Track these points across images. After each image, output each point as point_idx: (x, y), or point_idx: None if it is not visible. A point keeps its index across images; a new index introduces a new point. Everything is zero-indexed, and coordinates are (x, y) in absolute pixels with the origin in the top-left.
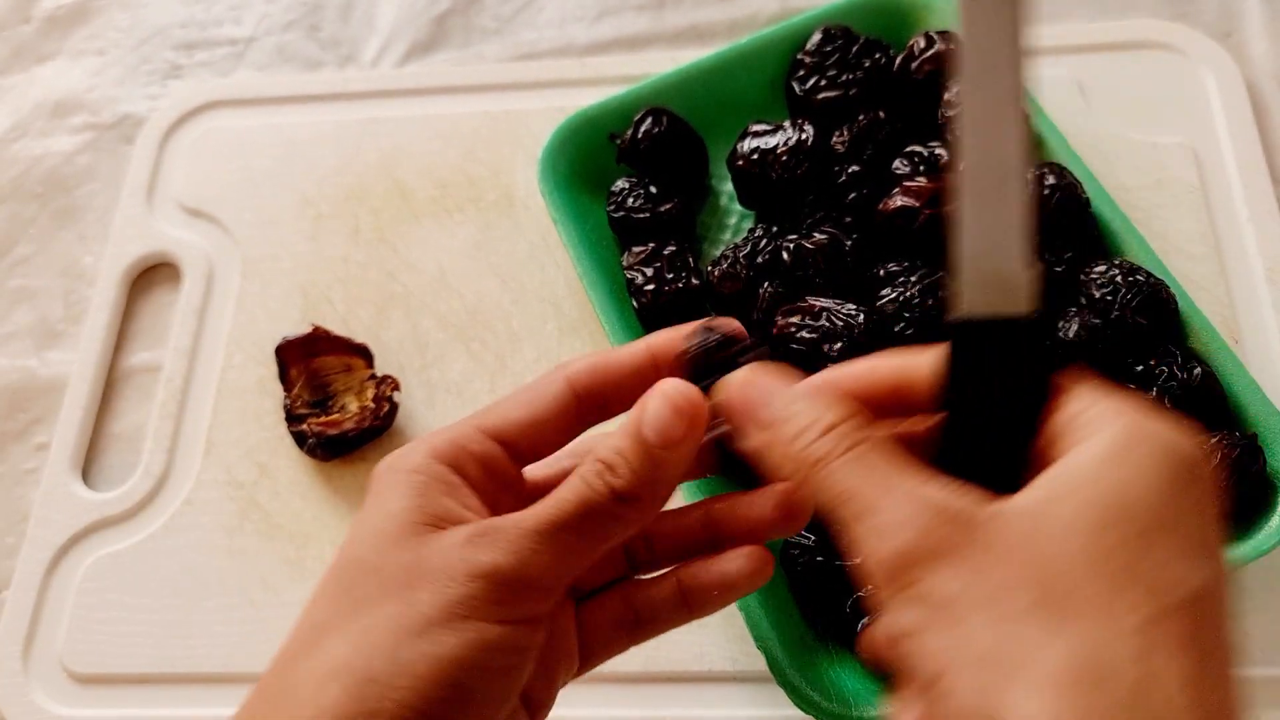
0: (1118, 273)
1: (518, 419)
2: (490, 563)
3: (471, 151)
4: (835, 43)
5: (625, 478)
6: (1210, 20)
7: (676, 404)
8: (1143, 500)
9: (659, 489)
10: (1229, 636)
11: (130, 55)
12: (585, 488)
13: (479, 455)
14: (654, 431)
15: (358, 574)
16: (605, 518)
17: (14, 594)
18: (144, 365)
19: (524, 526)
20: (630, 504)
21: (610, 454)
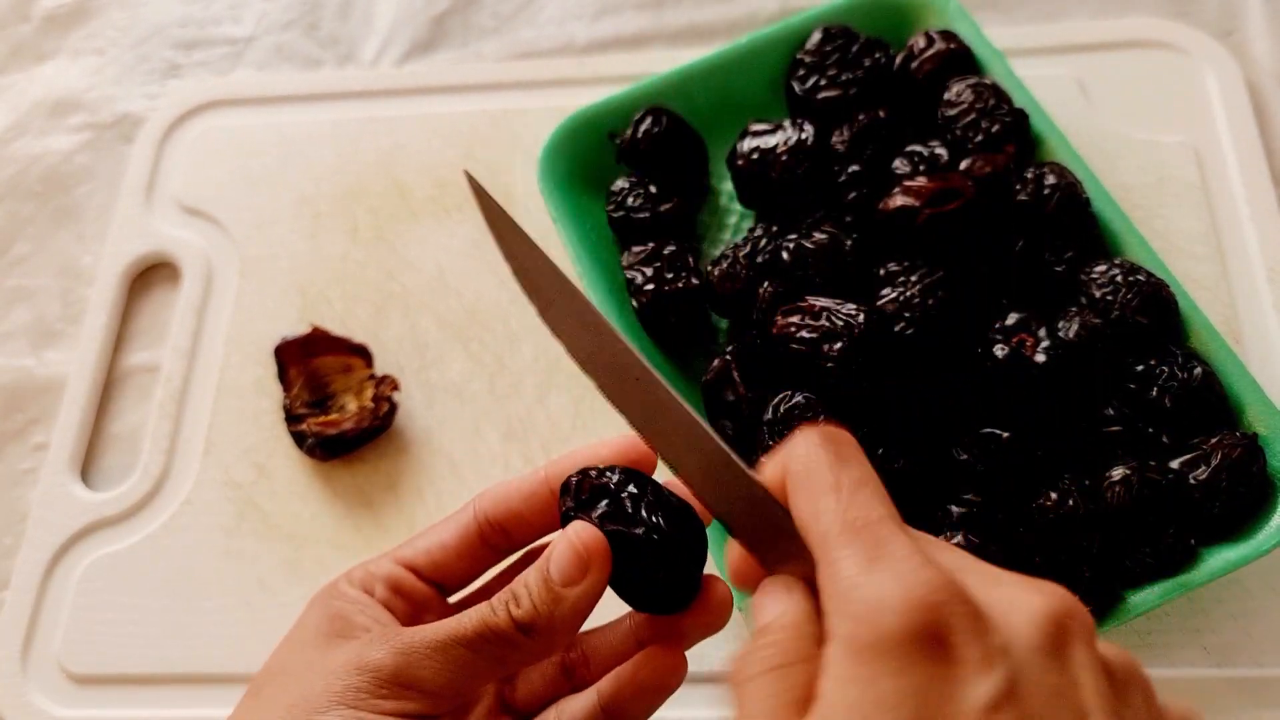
0: (1118, 272)
1: (425, 547)
2: (378, 659)
3: (470, 151)
4: (835, 42)
5: (526, 609)
6: (1211, 19)
7: (576, 548)
8: None
9: (560, 623)
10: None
11: (129, 54)
12: (489, 612)
13: (386, 578)
14: (557, 570)
15: (268, 678)
16: (503, 642)
17: (12, 594)
18: (142, 365)
19: (420, 635)
20: (529, 635)
21: (519, 585)
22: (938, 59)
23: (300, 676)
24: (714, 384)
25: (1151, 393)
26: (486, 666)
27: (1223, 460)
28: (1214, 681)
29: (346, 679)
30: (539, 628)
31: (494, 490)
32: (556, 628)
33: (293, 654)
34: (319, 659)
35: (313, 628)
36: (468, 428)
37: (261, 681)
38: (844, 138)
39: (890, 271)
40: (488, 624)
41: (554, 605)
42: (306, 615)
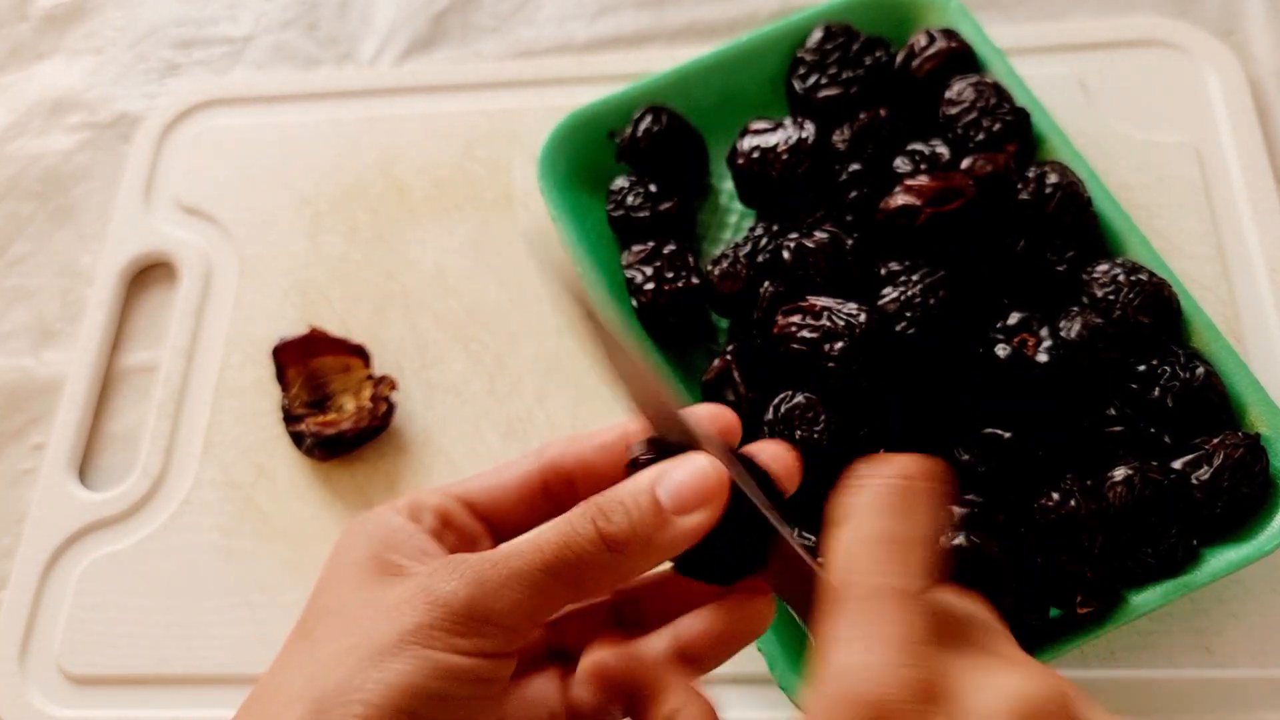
0: (1120, 272)
1: (480, 485)
2: (450, 591)
3: (470, 150)
4: (836, 40)
5: (620, 526)
6: (1213, 18)
7: (705, 475)
8: None
9: (655, 550)
10: None
11: (127, 54)
12: (569, 529)
13: (436, 508)
14: (671, 492)
15: (319, 617)
16: (587, 563)
17: (11, 594)
18: (141, 365)
19: (492, 561)
20: (617, 554)
21: (610, 501)
22: (939, 58)
23: (357, 616)
24: (714, 384)
25: (1153, 392)
26: (564, 591)
27: (1225, 460)
28: (1216, 682)
29: (416, 615)
30: (631, 548)
31: (563, 441)
32: (650, 553)
33: (342, 591)
34: (376, 595)
35: (359, 561)
36: (467, 427)
37: (310, 624)
38: (845, 136)
39: (891, 271)
40: (570, 542)
41: (656, 529)
42: (348, 547)
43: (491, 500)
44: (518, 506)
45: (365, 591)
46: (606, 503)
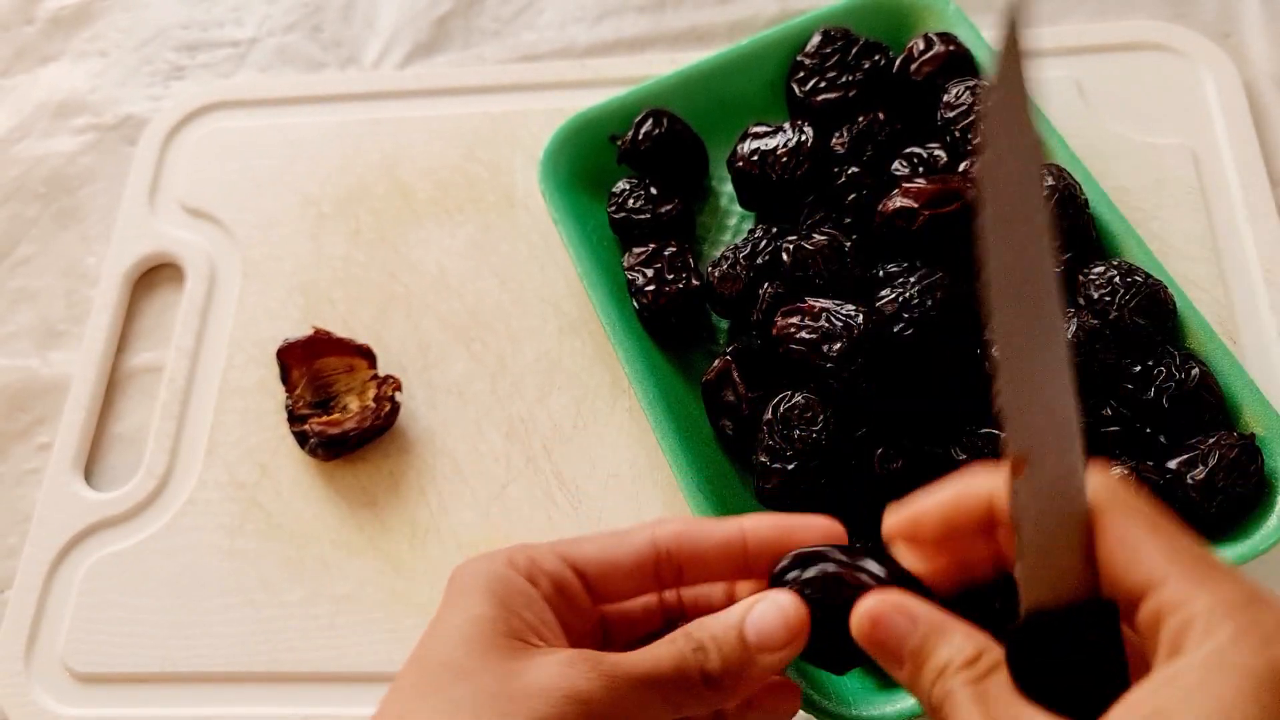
0: (1116, 273)
1: (596, 557)
2: (587, 690)
3: (472, 152)
4: (835, 44)
5: (715, 663)
6: (1209, 21)
7: (788, 617)
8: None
9: (743, 683)
10: None
11: (132, 56)
12: (680, 657)
13: (552, 574)
14: (756, 633)
15: (450, 676)
16: (689, 692)
17: (16, 594)
18: (146, 365)
19: (622, 667)
20: (713, 689)
21: (704, 636)
22: (937, 61)
23: (489, 688)
24: (714, 384)
25: (1149, 393)
26: (663, 710)
27: (1220, 460)
28: None
29: (556, 707)
30: (724, 684)
31: (680, 526)
32: (739, 688)
33: (474, 655)
34: (511, 672)
35: (486, 621)
36: (470, 427)
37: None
38: (843, 140)
39: (889, 273)
40: (682, 669)
41: (744, 666)
42: (468, 602)
43: (602, 572)
44: (626, 582)
45: (501, 660)
46: (702, 638)
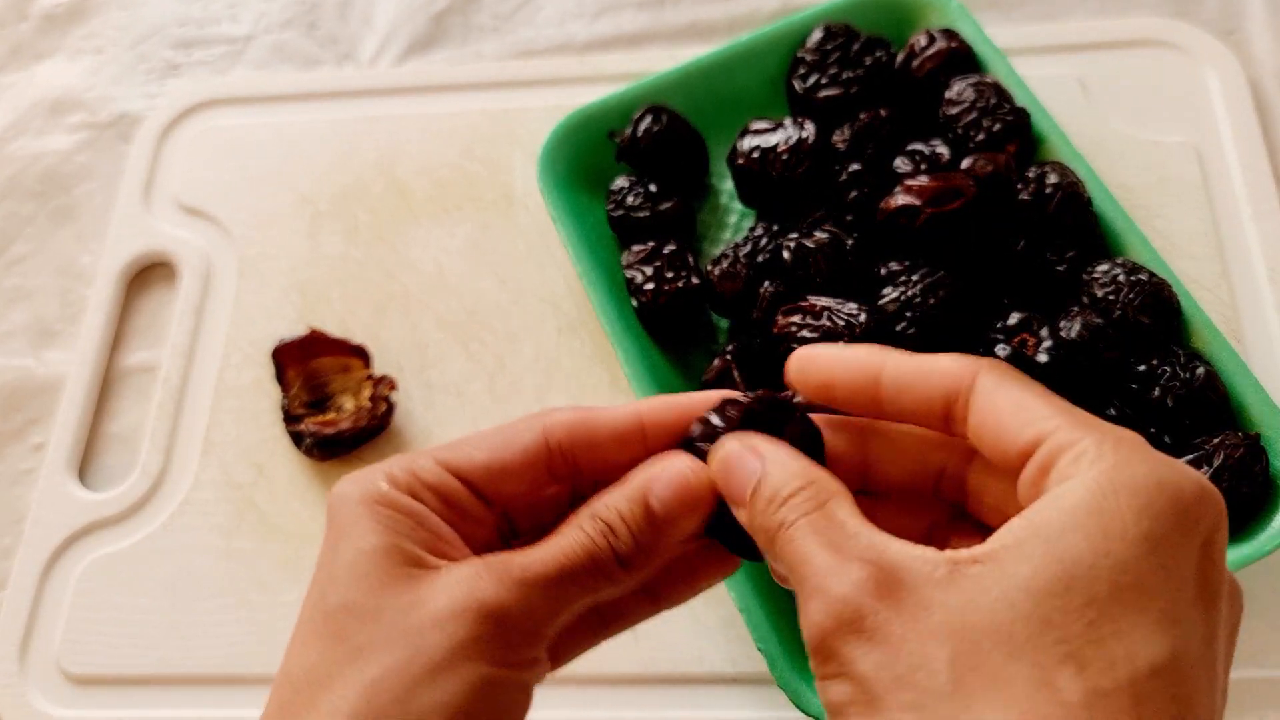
0: (1120, 272)
1: (483, 463)
2: (497, 602)
3: (470, 150)
4: (836, 40)
5: (625, 542)
6: (1212, 18)
7: (688, 482)
8: (1105, 560)
9: (654, 557)
10: (1196, 708)
11: (128, 54)
12: (590, 543)
13: (436, 486)
14: (661, 504)
15: (349, 619)
16: (602, 575)
17: (10, 595)
18: (141, 365)
19: (532, 569)
20: (628, 569)
21: (610, 514)
22: (939, 57)
23: (401, 625)
24: (714, 384)
25: (1153, 393)
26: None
27: (1225, 460)
28: None
29: (468, 628)
30: (637, 562)
31: (573, 419)
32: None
33: (369, 588)
34: (415, 599)
35: (379, 553)
36: (467, 427)
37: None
38: (845, 136)
39: (891, 271)
40: (594, 555)
41: (656, 539)
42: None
43: (491, 477)
44: (518, 483)
45: (399, 593)
46: (608, 516)
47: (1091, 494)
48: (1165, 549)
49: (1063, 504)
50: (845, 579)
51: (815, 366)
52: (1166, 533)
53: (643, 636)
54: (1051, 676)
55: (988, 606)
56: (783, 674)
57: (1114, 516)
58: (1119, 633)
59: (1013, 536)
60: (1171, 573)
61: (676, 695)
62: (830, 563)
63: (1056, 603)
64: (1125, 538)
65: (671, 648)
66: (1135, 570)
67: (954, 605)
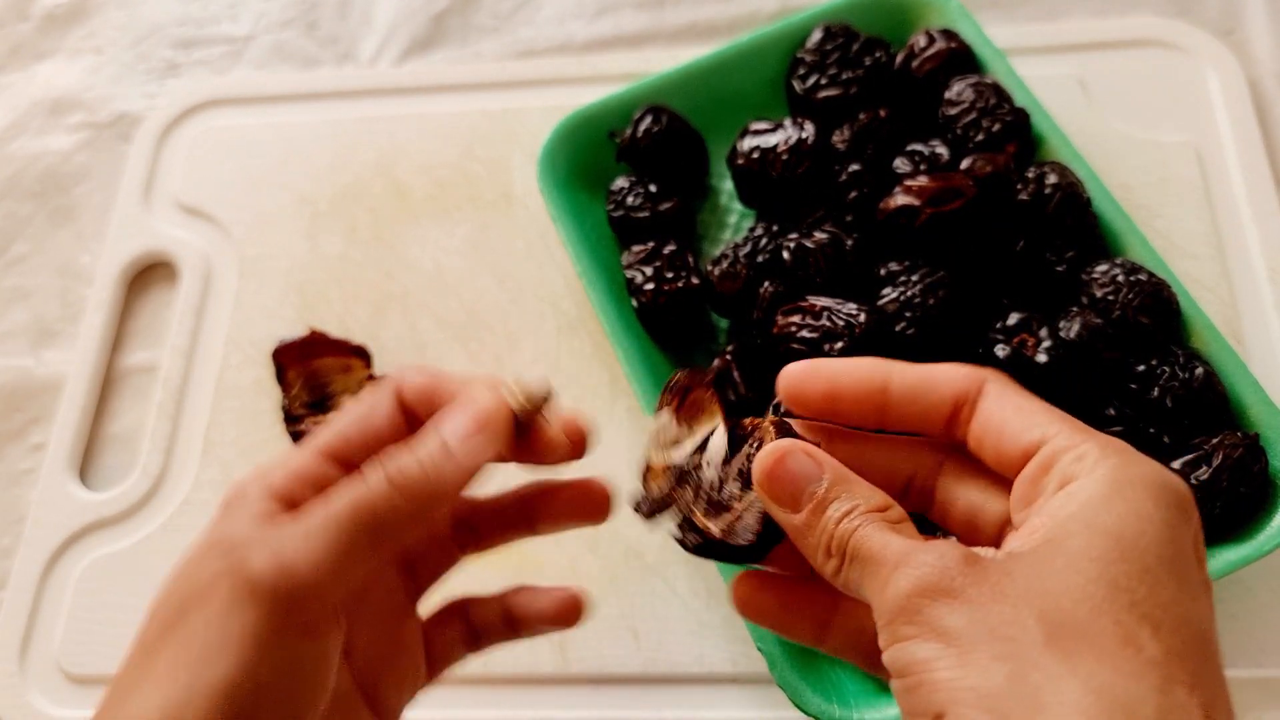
0: (1120, 272)
1: (357, 439)
2: (258, 572)
3: (470, 150)
4: (836, 41)
5: (413, 476)
6: (1213, 18)
7: (483, 417)
8: (1145, 536)
9: (443, 490)
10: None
11: (127, 54)
12: (363, 485)
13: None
14: (455, 438)
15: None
16: (383, 513)
17: (10, 595)
18: (141, 365)
19: (290, 531)
20: (414, 502)
21: (401, 451)
22: (939, 58)
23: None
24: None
25: (1153, 393)
26: (367, 546)
27: (1224, 460)
28: None
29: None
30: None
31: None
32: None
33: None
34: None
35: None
36: None
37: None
38: (844, 137)
39: (891, 271)
40: (362, 497)
41: (447, 476)
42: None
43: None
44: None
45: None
46: (396, 451)
47: (1110, 485)
48: (1180, 534)
49: (1083, 496)
50: (932, 553)
51: (819, 378)
52: (1177, 520)
53: (643, 636)
54: (1134, 634)
55: (1061, 573)
56: (783, 674)
57: (1137, 503)
58: (1176, 600)
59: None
60: (1188, 554)
61: (676, 695)
62: (912, 545)
63: (1119, 569)
64: (1153, 520)
65: (671, 648)
66: (1169, 547)
67: (1033, 574)
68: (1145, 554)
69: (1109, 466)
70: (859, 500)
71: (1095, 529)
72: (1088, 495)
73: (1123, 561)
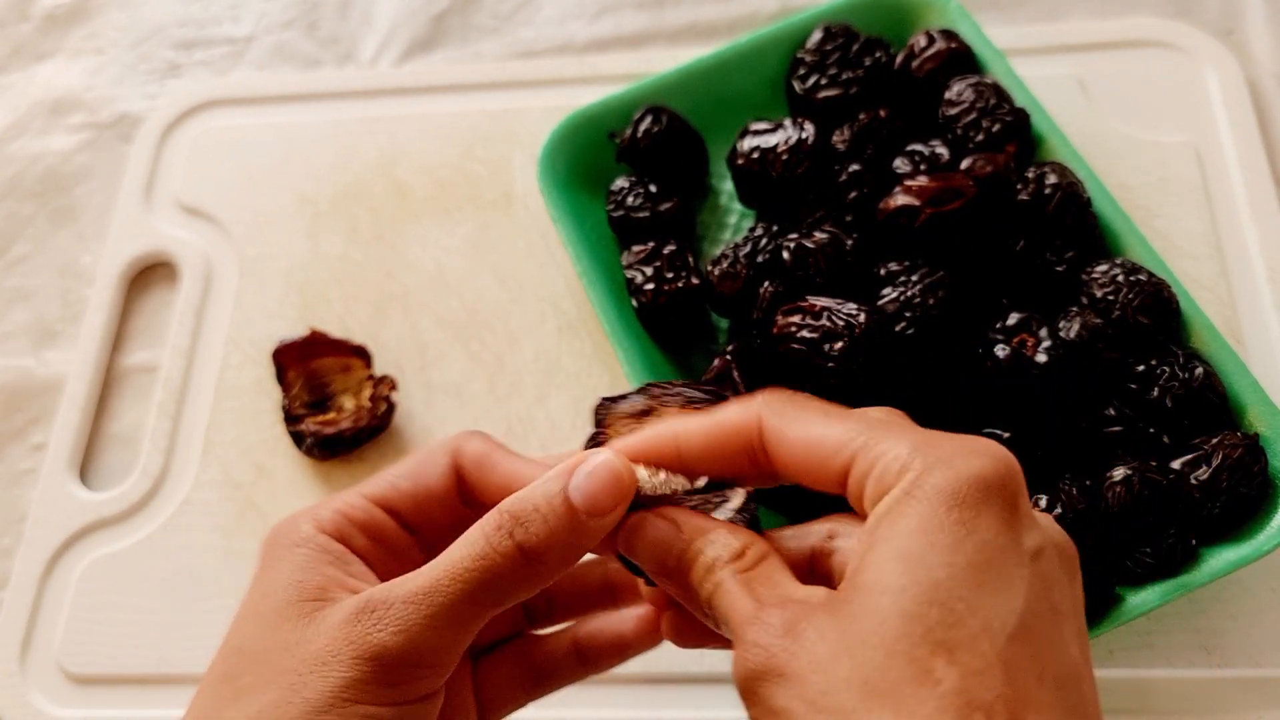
0: (1119, 272)
1: (408, 489)
2: (378, 644)
3: (470, 150)
4: (836, 41)
5: (538, 535)
6: (1212, 18)
7: (618, 475)
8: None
9: (570, 555)
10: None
11: (129, 54)
12: (486, 546)
13: (365, 524)
14: (585, 496)
15: (239, 661)
16: (506, 579)
17: (11, 595)
18: (142, 365)
19: (414, 599)
20: (536, 565)
21: (524, 508)
22: (939, 58)
23: (282, 666)
24: (714, 384)
25: (1152, 393)
26: (484, 612)
27: (1224, 460)
28: (1215, 682)
29: (345, 671)
30: (550, 558)
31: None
32: (568, 558)
33: (263, 633)
34: (297, 641)
35: (281, 594)
36: (467, 426)
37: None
38: (844, 137)
39: (891, 271)
40: (490, 564)
41: (573, 534)
42: (271, 576)
43: (415, 504)
44: (440, 510)
45: (288, 631)
46: (520, 510)
47: (899, 502)
48: (980, 528)
49: (873, 524)
50: (758, 630)
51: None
52: (977, 513)
53: None
54: (929, 668)
55: (861, 619)
56: None
57: (924, 515)
58: (971, 610)
59: (852, 565)
60: (991, 545)
61: (676, 695)
62: (749, 615)
63: (909, 595)
64: (943, 527)
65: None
66: (963, 552)
67: (842, 629)
68: (933, 570)
69: (905, 481)
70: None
71: (887, 557)
72: (877, 521)
73: (913, 586)
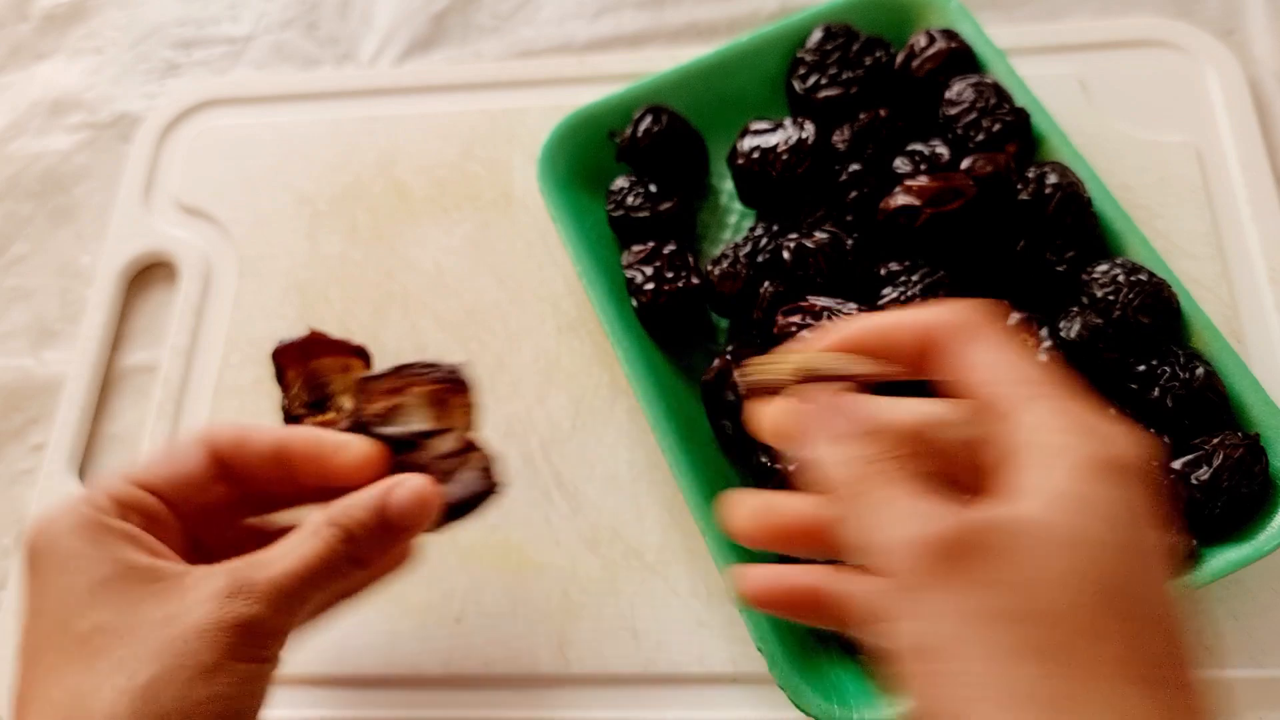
0: (1120, 272)
1: (166, 472)
2: (250, 615)
3: (470, 150)
4: (836, 41)
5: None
6: (1213, 18)
7: (424, 498)
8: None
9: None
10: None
11: (128, 54)
12: (325, 548)
13: (139, 506)
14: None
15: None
16: (339, 575)
17: (11, 595)
18: (141, 365)
19: (278, 581)
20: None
21: (347, 520)
22: (939, 58)
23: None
24: (714, 384)
25: (1153, 393)
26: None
27: (1224, 460)
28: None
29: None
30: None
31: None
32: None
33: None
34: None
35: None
36: None
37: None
38: (845, 137)
39: (891, 271)
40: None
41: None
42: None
43: (175, 489)
44: (198, 493)
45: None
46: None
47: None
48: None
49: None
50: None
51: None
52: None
53: (643, 636)
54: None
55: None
56: (783, 674)
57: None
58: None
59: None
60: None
61: (676, 695)
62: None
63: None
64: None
65: (671, 648)
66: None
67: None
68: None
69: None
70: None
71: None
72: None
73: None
